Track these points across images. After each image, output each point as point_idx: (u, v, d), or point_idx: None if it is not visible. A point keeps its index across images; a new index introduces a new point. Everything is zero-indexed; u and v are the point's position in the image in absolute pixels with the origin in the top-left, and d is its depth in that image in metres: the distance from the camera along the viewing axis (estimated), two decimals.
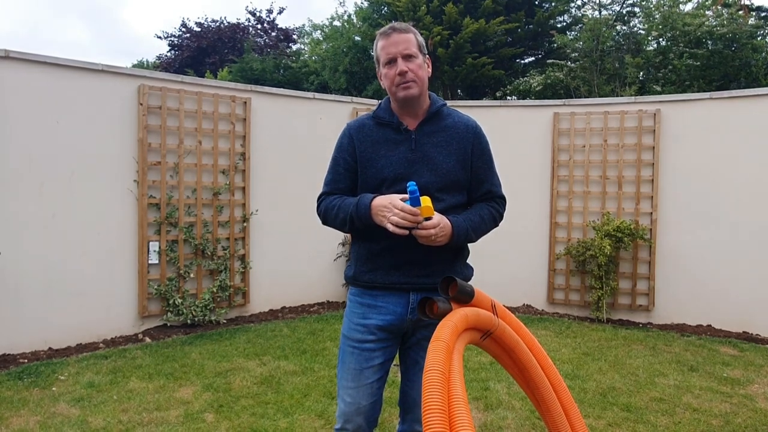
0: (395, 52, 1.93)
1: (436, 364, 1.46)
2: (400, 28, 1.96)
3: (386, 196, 1.87)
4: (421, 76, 1.96)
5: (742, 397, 3.82)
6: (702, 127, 5.71)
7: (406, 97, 1.95)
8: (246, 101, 5.70)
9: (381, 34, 1.98)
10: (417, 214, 1.76)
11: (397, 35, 1.94)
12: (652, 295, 5.87)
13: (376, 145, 2.00)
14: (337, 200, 2.01)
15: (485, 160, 2.07)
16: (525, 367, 1.93)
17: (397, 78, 1.93)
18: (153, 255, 5.10)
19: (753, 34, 9.40)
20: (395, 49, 1.93)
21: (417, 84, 1.94)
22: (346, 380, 2.02)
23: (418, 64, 1.95)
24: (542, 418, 2.00)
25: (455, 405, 1.38)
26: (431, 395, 1.38)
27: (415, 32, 2.00)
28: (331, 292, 6.50)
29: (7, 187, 4.41)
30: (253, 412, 3.46)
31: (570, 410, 1.98)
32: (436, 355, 1.49)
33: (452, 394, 1.42)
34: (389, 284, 1.97)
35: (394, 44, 1.94)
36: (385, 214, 1.83)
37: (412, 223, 1.78)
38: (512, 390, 3.86)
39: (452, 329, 1.62)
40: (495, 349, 1.93)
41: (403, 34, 1.95)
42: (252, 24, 19.44)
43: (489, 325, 1.82)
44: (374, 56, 2.05)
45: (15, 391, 3.72)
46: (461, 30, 10.34)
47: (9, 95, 4.41)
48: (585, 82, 9.87)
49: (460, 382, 1.46)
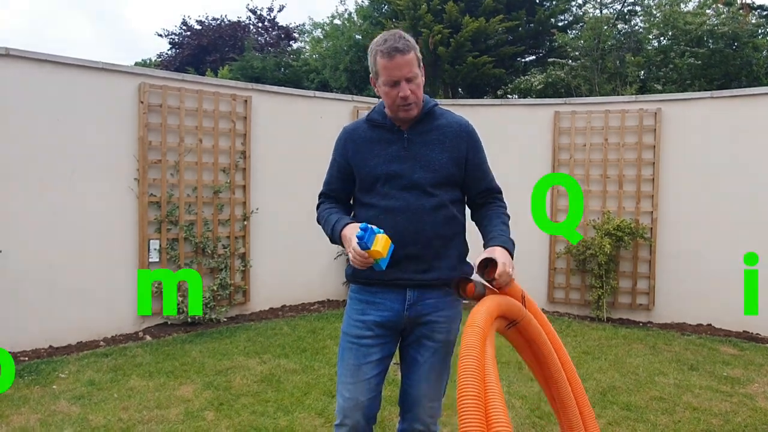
0: (399, 76, 1.92)
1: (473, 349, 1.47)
2: (402, 49, 1.91)
3: (349, 229, 1.94)
4: (420, 96, 2.00)
5: (742, 396, 3.82)
6: (703, 126, 5.71)
7: (406, 117, 2.00)
8: (246, 99, 5.70)
9: (382, 52, 1.92)
10: (365, 256, 1.82)
11: (401, 57, 1.90)
12: (653, 294, 5.87)
13: (370, 144, 2.05)
14: (325, 212, 2.12)
15: (481, 158, 2.11)
16: (545, 362, 1.94)
17: (399, 100, 1.95)
18: (153, 253, 5.11)
19: (754, 33, 9.40)
20: (399, 72, 1.92)
21: (417, 105, 1.99)
22: (345, 376, 2.04)
23: (418, 84, 1.97)
24: (555, 414, 2.01)
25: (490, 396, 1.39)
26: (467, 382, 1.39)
27: (415, 48, 1.97)
28: (332, 291, 6.50)
29: (8, 185, 4.41)
30: (253, 410, 3.47)
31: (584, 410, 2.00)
32: (472, 339, 1.51)
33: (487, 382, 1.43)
34: (387, 281, 1.99)
35: (398, 68, 1.91)
36: (348, 250, 1.90)
37: (366, 263, 1.84)
38: (512, 389, 3.86)
39: (487, 315, 1.63)
40: (518, 339, 1.95)
41: (406, 56, 1.91)
42: (253, 22, 19.43)
43: (517, 315, 1.86)
44: (371, 67, 2.02)
45: (16, 388, 3.73)
46: (462, 28, 10.33)
47: (9, 93, 4.41)
48: (586, 80, 9.86)
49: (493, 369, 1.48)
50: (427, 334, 2.03)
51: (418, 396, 2.06)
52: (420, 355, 2.05)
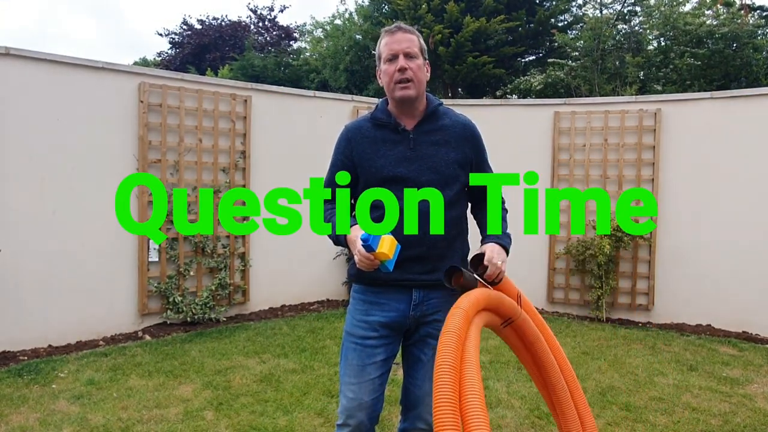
0: (398, 49, 1.97)
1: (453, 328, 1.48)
2: (405, 28, 2.02)
3: (354, 231, 1.92)
4: (419, 78, 1.99)
5: (741, 397, 3.83)
6: (702, 127, 5.71)
7: (402, 97, 1.98)
8: (246, 99, 5.70)
9: (386, 31, 2.04)
10: (371, 258, 1.81)
11: (402, 34, 2.00)
12: (652, 294, 5.87)
13: (375, 144, 2.03)
14: (327, 214, 2.08)
15: (484, 158, 2.15)
16: (542, 365, 1.94)
17: (396, 74, 1.96)
18: (153, 253, 5.11)
19: (754, 34, 9.40)
20: (398, 46, 1.98)
21: (415, 84, 1.98)
22: (349, 376, 2.03)
23: (418, 65, 1.99)
24: (554, 418, 2.01)
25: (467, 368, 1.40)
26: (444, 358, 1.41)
27: (419, 36, 2.06)
28: (331, 291, 6.50)
29: (8, 185, 4.41)
30: (252, 410, 3.47)
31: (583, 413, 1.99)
32: (454, 320, 1.52)
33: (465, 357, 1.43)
34: (391, 281, 1.98)
35: (398, 41, 1.98)
36: (353, 252, 1.88)
37: (372, 265, 1.82)
38: (511, 389, 3.86)
39: (473, 302, 1.64)
40: (514, 340, 1.95)
41: (408, 34, 2.00)
42: (253, 22, 19.43)
43: (511, 313, 1.85)
44: (376, 53, 2.08)
45: (15, 388, 3.73)
46: (462, 29, 10.34)
47: (9, 92, 4.41)
48: (586, 81, 9.86)
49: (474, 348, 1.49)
50: (432, 333, 2.03)
51: (421, 395, 2.06)
52: (424, 354, 2.06)
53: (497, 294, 1.81)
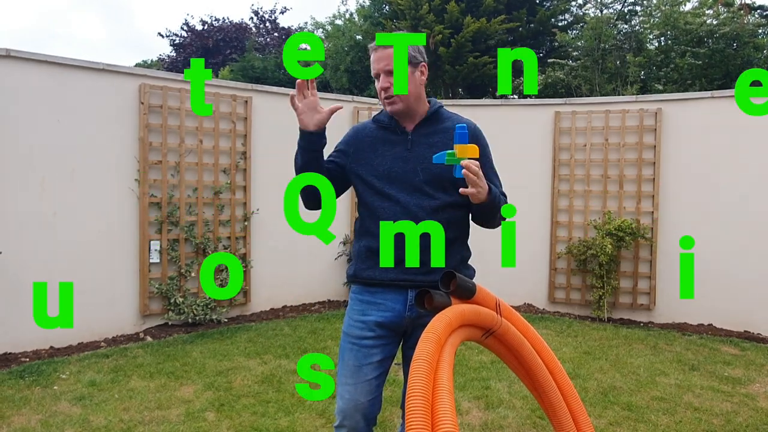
0: (378, 69, 2.03)
1: (425, 354, 1.47)
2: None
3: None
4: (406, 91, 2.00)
5: (743, 397, 3.82)
6: (703, 126, 5.70)
7: (391, 112, 2.07)
8: (247, 100, 5.70)
9: (370, 47, 2.08)
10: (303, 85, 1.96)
11: (382, 51, 2.02)
12: (654, 294, 5.86)
13: (374, 143, 2.10)
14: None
15: (485, 162, 2.06)
16: (531, 369, 1.92)
17: (381, 93, 2.04)
18: (154, 254, 5.11)
19: (754, 33, 9.39)
20: (378, 65, 2.03)
21: (400, 98, 2.02)
22: (345, 377, 2.04)
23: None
24: (549, 420, 2.00)
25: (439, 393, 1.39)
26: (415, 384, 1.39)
27: (402, 45, 1.98)
28: (332, 291, 6.50)
29: (9, 186, 4.41)
30: (254, 411, 3.47)
31: (577, 412, 1.98)
32: (426, 346, 1.50)
33: (437, 383, 1.42)
34: (388, 281, 2.00)
35: (378, 60, 2.03)
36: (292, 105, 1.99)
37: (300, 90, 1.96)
38: (513, 389, 3.86)
39: (447, 323, 1.62)
40: (499, 348, 1.92)
41: (387, 50, 2.00)
42: (254, 23, 19.44)
43: (490, 324, 1.81)
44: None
45: (16, 389, 3.73)
46: (462, 29, 10.33)
47: (10, 94, 4.42)
48: (586, 80, 9.86)
49: (447, 373, 1.47)
50: None
51: None
52: None
53: (472, 308, 1.75)
